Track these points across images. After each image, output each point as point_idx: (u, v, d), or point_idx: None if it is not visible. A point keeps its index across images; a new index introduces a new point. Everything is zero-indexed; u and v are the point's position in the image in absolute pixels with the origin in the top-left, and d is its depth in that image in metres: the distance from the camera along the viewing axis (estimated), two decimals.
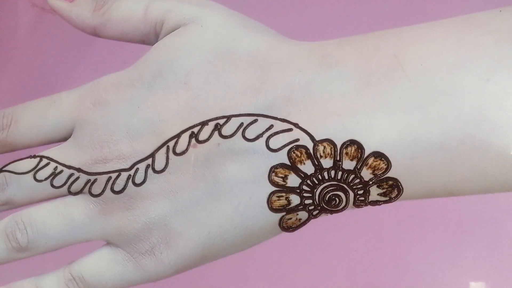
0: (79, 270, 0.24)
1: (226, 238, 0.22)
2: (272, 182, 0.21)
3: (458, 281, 0.51)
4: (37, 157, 0.24)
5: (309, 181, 0.21)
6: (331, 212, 0.22)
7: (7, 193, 0.24)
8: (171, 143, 0.22)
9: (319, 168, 0.21)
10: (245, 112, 0.22)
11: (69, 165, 0.23)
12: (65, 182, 0.23)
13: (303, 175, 0.21)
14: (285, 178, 0.21)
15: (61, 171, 0.23)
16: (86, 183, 0.23)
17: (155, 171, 0.22)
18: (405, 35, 0.21)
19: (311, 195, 0.21)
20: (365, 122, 0.20)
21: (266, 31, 0.24)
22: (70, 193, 0.23)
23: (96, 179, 0.23)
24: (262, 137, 0.21)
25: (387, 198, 0.21)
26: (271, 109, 0.21)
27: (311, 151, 0.21)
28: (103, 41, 0.26)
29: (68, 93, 0.25)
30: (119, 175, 0.23)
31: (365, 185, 0.21)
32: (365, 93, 0.21)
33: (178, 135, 0.22)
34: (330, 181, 0.21)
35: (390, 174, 0.21)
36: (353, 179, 0.21)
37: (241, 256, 0.24)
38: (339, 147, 0.21)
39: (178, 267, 0.23)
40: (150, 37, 0.24)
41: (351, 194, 0.21)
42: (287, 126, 0.21)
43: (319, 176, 0.21)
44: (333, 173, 0.21)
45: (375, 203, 0.22)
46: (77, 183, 0.23)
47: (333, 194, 0.21)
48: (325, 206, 0.22)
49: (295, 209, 0.22)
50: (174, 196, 0.22)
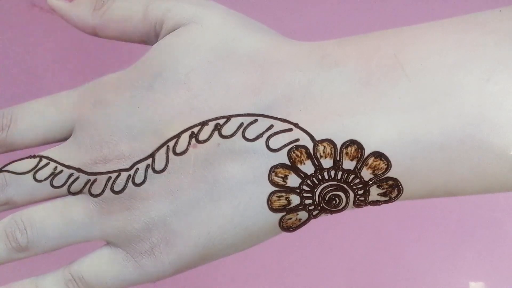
0: (79, 270, 0.24)
1: (226, 238, 0.22)
2: (272, 182, 0.21)
3: (458, 281, 0.51)
4: (37, 157, 0.24)
5: (309, 181, 0.21)
6: (331, 212, 0.22)
7: (7, 193, 0.24)
8: (171, 143, 0.22)
9: (319, 168, 0.21)
10: (245, 112, 0.22)
11: (69, 165, 0.23)
12: (65, 182, 0.23)
13: (303, 175, 0.21)
14: (285, 178, 0.21)
15: (61, 171, 0.23)
16: (86, 183, 0.23)
17: (155, 171, 0.22)
18: (405, 35, 0.21)
19: (311, 195, 0.21)
20: (365, 122, 0.20)
21: (266, 31, 0.24)
22: (70, 193, 0.23)
23: (96, 179, 0.23)
24: (262, 137, 0.21)
25: (387, 198, 0.21)
26: (271, 109, 0.21)
27: (311, 151, 0.21)
28: (103, 41, 0.26)
29: (68, 93, 0.25)
30: (119, 175, 0.23)
31: (365, 185, 0.21)
32: (365, 93, 0.21)
33: (178, 135, 0.22)
34: (330, 181, 0.21)
35: (390, 174, 0.21)
36: (353, 179, 0.21)
37: (241, 256, 0.24)
38: (339, 147, 0.21)
39: (178, 267, 0.23)
40: (150, 37, 0.24)
41: (351, 194, 0.21)
42: (287, 126, 0.21)
43: (319, 176, 0.21)
44: (333, 173, 0.21)
45: (375, 203, 0.22)
46: (77, 183, 0.23)
47: (333, 194, 0.21)
48: (325, 206, 0.22)
49: (295, 209, 0.22)
50: (174, 196, 0.22)
